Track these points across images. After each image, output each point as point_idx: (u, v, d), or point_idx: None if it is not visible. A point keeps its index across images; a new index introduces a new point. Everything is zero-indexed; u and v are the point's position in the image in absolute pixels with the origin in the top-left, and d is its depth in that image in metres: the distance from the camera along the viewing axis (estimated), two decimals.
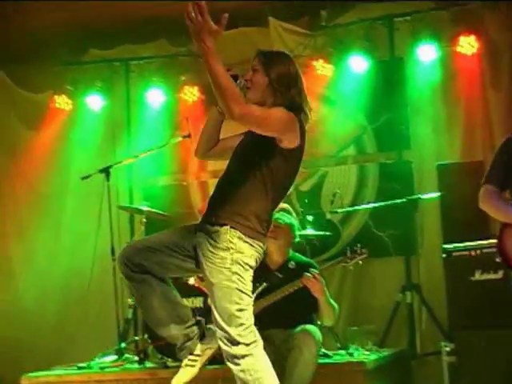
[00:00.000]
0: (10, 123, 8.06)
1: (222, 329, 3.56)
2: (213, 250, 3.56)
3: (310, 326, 4.77)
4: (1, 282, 7.76)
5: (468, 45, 6.75)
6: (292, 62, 3.78)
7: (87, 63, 7.71)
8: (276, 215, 5.17)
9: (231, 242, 3.56)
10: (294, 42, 7.27)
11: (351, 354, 5.43)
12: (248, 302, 3.61)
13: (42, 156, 7.89)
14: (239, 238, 3.57)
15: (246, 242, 3.58)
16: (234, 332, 3.53)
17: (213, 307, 3.61)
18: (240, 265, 3.57)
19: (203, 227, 3.64)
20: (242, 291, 3.57)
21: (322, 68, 7.14)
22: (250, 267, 3.63)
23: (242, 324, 3.54)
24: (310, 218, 6.18)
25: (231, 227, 3.56)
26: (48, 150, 7.85)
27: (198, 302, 5.66)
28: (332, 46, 7.17)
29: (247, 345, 3.55)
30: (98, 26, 7.49)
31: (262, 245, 3.67)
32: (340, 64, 7.15)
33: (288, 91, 3.67)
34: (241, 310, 3.55)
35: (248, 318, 3.58)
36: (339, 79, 7.24)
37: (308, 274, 4.80)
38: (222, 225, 3.56)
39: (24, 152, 7.94)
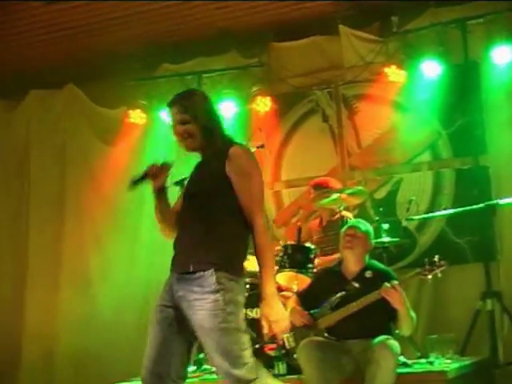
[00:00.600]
0: (87, 138, 8.24)
1: (227, 373, 3.40)
2: (201, 297, 3.41)
3: (388, 339, 4.69)
4: (79, 294, 7.89)
5: None
6: (199, 94, 3.78)
7: (160, 78, 7.80)
8: (352, 223, 5.12)
9: (220, 283, 3.41)
10: (366, 49, 7.23)
11: (431, 363, 5.31)
12: (247, 340, 3.47)
13: (117, 170, 7.99)
14: (225, 277, 3.44)
15: (232, 280, 3.45)
16: (240, 373, 3.38)
17: (212, 355, 3.44)
18: (234, 304, 3.43)
19: (179, 279, 3.50)
20: (240, 330, 3.43)
21: (394, 74, 7.06)
22: (242, 304, 3.50)
23: (246, 363, 3.40)
24: (385, 226, 6.12)
25: (215, 270, 3.42)
26: (123, 164, 7.94)
27: None
28: (404, 51, 7.10)
29: (252, 381, 3.42)
30: (169, 41, 7.63)
31: (245, 281, 3.67)
32: (412, 70, 7.06)
33: (216, 121, 3.68)
34: (243, 350, 3.41)
35: (250, 355, 3.45)
36: (412, 85, 7.16)
37: (387, 285, 4.71)
38: (204, 270, 3.43)
39: (100, 166, 8.09)
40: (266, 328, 3.49)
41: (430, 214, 6.73)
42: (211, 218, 3.51)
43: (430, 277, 4.83)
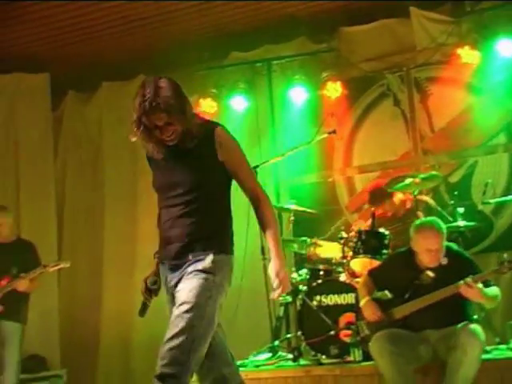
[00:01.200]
0: None
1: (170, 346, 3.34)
2: (193, 274, 3.45)
3: (474, 326, 4.62)
4: None
5: None
6: (169, 83, 3.63)
7: (230, 66, 7.82)
8: (432, 221, 4.98)
9: (214, 264, 3.47)
10: (437, 30, 7.10)
11: None
12: (208, 333, 3.46)
13: None
14: (221, 260, 3.51)
15: (226, 266, 3.55)
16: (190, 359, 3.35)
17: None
18: (218, 290, 3.49)
19: (173, 268, 3.56)
20: (207, 319, 3.44)
21: (468, 55, 6.90)
22: (225, 292, 3.58)
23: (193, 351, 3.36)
24: (460, 210, 6.00)
25: (213, 254, 3.48)
26: None
27: (349, 298, 5.64)
28: (477, 31, 6.93)
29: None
30: (238, 29, 7.61)
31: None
32: (487, 50, 6.89)
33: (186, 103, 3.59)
34: (198, 338, 3.39)
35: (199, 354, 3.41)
36: (486, 66, 6.98)
37: (463, 282, 4.58)
38: (201, 255, 3.49)
39: None
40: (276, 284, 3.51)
41: (507, 197, 6.57)
42: (204, 206, 3.53)
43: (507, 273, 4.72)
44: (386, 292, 5.01)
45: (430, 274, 4.80)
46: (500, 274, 4.81)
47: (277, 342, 6.19)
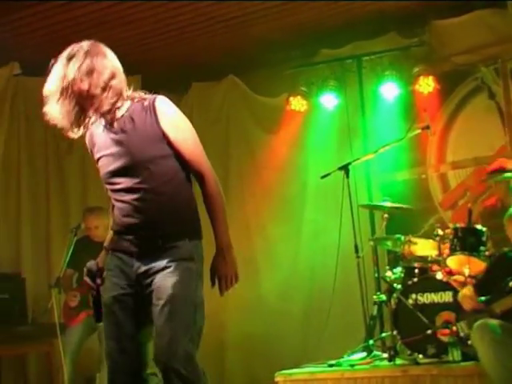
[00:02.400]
0: (248, 127, 8.36)
1: (174, 343, 3.12)
2: (172, 264, 3.19)
3: None
4: (247, 280, 7.98)
5: None
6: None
7: (319, 63, 7.77)
8: None
9: (192, 251, 3.27)
10: None
11: None
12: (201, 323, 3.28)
13: (280, 158, 8.06)
14: (196, 246, 3.30)
15: (200, 249, 3.32)
16: (190, 348, 3.19)
17: (162, 323, 3.14)
18: (200, 276, 3.29)
19: (140, 256, 3.26)
20: (202, 306, 3.26)
21: None
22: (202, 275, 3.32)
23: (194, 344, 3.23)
24: None
25: (189, 239, 3.27)
26: (286, 152, 8.01)
27: (446, 296, 5.53)
28: None
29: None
30: (327, 27, 7.54)
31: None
32: None
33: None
34: (196, 333, 3.24)
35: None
36: None
37: None
38: (175, 241, 3.24)
39: (262, 154, 8.17)
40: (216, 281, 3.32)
41: None
42: (164, 185, 3.29)
43: None
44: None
45: None
46: None
47: (371, 341, 6.11)
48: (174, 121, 3.34)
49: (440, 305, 5.55)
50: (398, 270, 6.11)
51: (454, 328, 5.14)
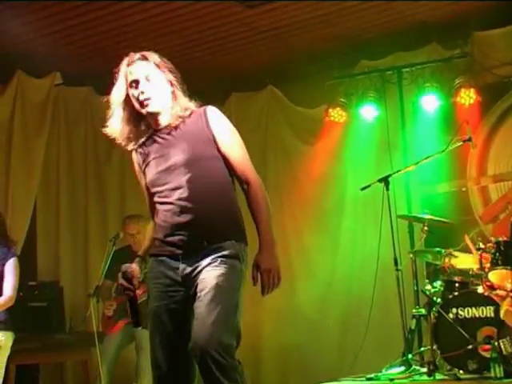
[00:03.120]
0: (287, 138, 8.35)
1: (213, 338, 3.07)
2: (219, 260, 3.22)
3: None
4: (283, 291, 7.93)
5: None
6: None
7: (359, 75, 7.74)
8: None
9: (239, 252, 3.29)
10: None
11: None
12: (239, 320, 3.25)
13: (318, 169, 8.03)
14: (243, 250, 3.34)
15: (246, 254, 3.34)
16: (230, 341, 3.13)
17: (204, 319, 3.11)
18: (243, 279, 3.29)
19: (186, 258, 3.29)
20: (238, 308, 3.24)
21: None
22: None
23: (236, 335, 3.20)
24: None
25: (236, 241, 3.31)
26: (324, 163, 7.97)
27: (487, 311, 5.45)
28: None
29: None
30: (367, 37, 7.53)
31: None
32: None
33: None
34: (236, 328, 3.20)
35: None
36: None
37: None
38: (222, 242, 3.28)
39: (301, 165, 8.15)
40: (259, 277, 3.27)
41: None
42: (211, 185, 3.34)
43: None
44: None
45: None
46: None
47: (410, 355, 6.03)
48: (222, 126, 3.44)
49: (481, 319, 5.47)
50: (438, 283, 6.05)
51: (496, 343, 5.06)
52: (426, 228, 6.30)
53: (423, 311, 6.11)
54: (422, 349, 6.26)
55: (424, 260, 6.48)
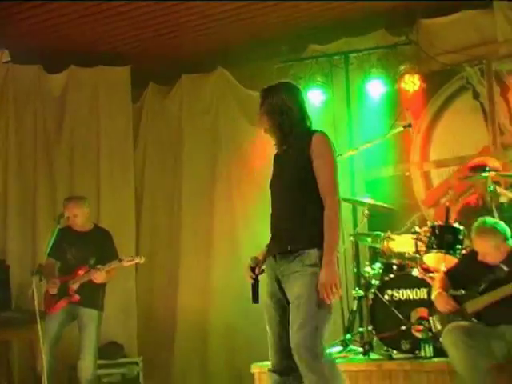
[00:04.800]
0: (236, 120, 8.43)
1: (306, 349, 3.74)
2: (301, 269, 3.84)
3: None
4: (232, 271, 8.02)
5: None
6: (286, 88, 4.30)
7: (307, 59, 7.79)
8: (487, 223, 4.92)
9: (319, 259, 3.83)
10: None
11: None
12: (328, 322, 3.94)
13: (267, 151, 8.06)
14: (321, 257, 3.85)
15: None
16: (320, 351, 3.79)
17: (297, 328, 3.77)
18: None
19: (280, 258, 3.95)
20: (330, 309, 3.91)
21: None
22: None
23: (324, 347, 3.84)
24: None
25: (317, 249, 3.84)
26: (271, 145, 8.03)
27: (421, 293, 5.61)
28: None
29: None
30: (317, 23, 7.59)
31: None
32: None
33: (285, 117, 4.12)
34: (324, 333, 3.86)
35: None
36: None
37: None
38: (305, 248, 3.87)
39: (249, 147, 8.22)
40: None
41: None
42: (307, 200, 3.92)
43: None
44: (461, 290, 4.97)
45: (504, 267, 4.75)
46: None
47: (349, 336, 6.18)
48: (320, 152, 3.98)
49: (415, 301, 5.63)
50: (377, 265, 6.19)
51: (427, 324, 5.21)
52: (366, 212, 6.44)
53: (362, 293, 6.25)
54: (361, 329, 6.40)
55: (364, 243, 6.61)
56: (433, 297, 5.04)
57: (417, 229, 5.93)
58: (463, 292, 4.95)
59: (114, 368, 7.25)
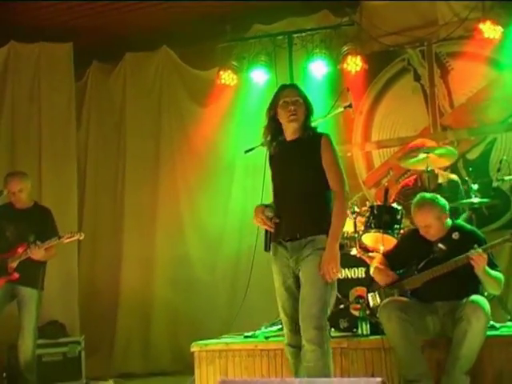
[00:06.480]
0: (180, 99, 8.42)
1: (318, 323, 4.08)
2: (313, 252, 4.16)
3: (478, 298, 4.62)
4: (176, 248, 8.07)
5: None
6: None
7: (251, 39, 7.80)
8: (426, 197, 5.00)
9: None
10: (460, 5, 7.07)
11: None
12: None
13: (210, 131, 8.12)
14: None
15: None
16: (325, 324, 4.13)
17: (311, 305, 4.10)
18: None
19: (290, 244, 4.26)
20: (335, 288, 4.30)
21: (490, 30, 6.84)
22: None
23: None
24: (475, 186, 5.96)
25: (326, 235, 4.17)
26: (216, 125, 8.06)
27: (359, 272, 5.66)
28: (501, 6, 6.86)
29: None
30: (260, 2, 7.58)
31: None
32: (509, 25, 6.82)
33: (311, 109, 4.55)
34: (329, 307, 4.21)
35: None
36: (509, 41, 6.92)
37: (472, 251, 4.62)
38: (315, 234, 4.20)
39: (193, 126, 8.22)
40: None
41: None
42: (318, 191, 4.24)
43: None
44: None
45: (442, 246, 4.82)
46: (509, 243, 4.78)
47: None
48: (329, 151, 4.32)
49: (353, 280, 5.67)
50: None
51: (365, 302, 5.29)
52: None
53: None
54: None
55: None
56: (371, 271, 5.11)
57: (356, 209, 5.99)
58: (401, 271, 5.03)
59: (55, 347, 7.18)
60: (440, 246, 4.84)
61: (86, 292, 8.19)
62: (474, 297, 4.62)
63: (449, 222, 4.93)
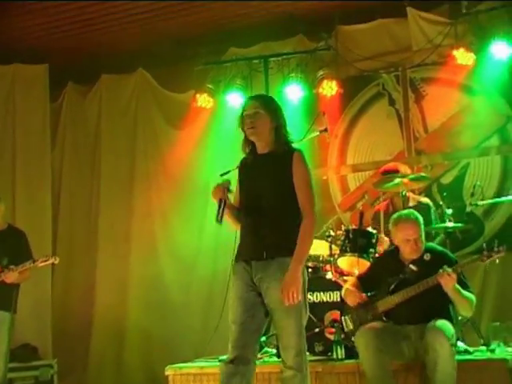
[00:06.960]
0: (156, 122, 8.42)
1: (299, 352, 4.00)
2: (282, 277, 3.95)
3: (439, 322, 4.62)
4: (150, 270, 8.04)
5: None
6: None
7: (227, 62, 7.84)
8: (408, 213, 5.04)
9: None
10: (434, 31, 7.15)
11: (493, 351, 5.24)
12: None
13: (185, 154, 8.12)
14: None
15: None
16: (304, 349, 4.06)
17: (289, 334, 4.01)
18: (304, 288, 4.06)
19: (257, 265, 4.06)
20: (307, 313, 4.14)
21: (463, 57, 6.92)
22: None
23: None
24: (449, 211, 6.01)
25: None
26: (191, 148, 8.07)
27: (334, 295, 5.66)
28: (473, 33, 6.96)
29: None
30: (237, 26, 7.64)
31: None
32: (482, 52, 6.92)
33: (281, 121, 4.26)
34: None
35: None
36: (481, 67, 7.02)
37: (441, 271, 4.64)
38: (284, 256, 3.99)
39: (168, 149, 8.22)
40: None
41: (495, 199, 6.60)
42: (287, 211, 4.05)
43: (487, 262, 4.76)
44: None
45: (413, 267, 4.85)
46: (480, 262, 4.81)
47: (263, 338, 6.20)
48: (301, 169, 4.11)
49: (329, 304, 5.68)
50: None
51: (339, 326, 5.29)
52: None
53: None
54: (275, 332, 6.43)
55: None
56: (342, 293, 5.13)
57: (331, 232, 6.02)
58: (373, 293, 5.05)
59: (27, 371, 7.12)
60: (411, 267, 4.87)
61: (60, 314, 8.13)
62: (437, 322, 4.62)
63: (423, 238, 4.98)
